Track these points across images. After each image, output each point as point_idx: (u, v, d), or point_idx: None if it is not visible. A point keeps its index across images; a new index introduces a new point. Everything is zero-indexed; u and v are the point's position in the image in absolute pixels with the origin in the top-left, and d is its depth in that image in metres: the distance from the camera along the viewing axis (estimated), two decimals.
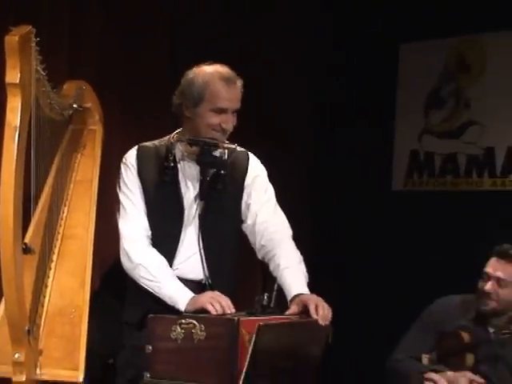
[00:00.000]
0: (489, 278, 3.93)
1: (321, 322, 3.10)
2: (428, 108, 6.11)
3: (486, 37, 5.82)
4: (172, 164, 3.34)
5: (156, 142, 3.46)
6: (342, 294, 5.14)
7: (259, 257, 3.45)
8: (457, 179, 5.94)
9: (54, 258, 3.14)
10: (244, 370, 2.76)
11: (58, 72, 3.80)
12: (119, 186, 3.39)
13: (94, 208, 3.31)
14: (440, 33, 5.95)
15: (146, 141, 3.48)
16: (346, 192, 6.17)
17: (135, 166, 3.37)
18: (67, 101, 3.43)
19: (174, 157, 3.37)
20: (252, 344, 2.77)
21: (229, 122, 3.28)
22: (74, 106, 3.49)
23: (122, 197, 3.37)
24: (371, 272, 5.96)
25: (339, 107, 6.29)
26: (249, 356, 2.77)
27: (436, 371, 3.83)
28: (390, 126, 6.23)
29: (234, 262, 3.48)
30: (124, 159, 3.42)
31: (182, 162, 3.39)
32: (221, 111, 3.26)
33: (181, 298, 3.15)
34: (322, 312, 3.11)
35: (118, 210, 3.37)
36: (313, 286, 3.32)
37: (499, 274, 3.91)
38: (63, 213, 3.28)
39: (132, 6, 4.95)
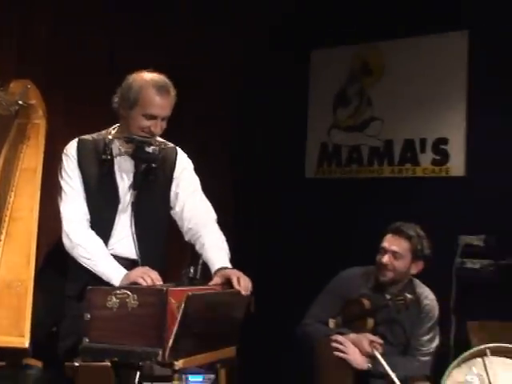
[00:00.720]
0: (385, 251, 3.99)
1: (243, 292, 3.12)
2: (336, 106, 6.15)
3: (384, 44, 5.88)
4: (109, 157, 3.33)
5: (94, 135, 3.43)
6: (261, 269, 5.16)
7: (186, 239, 3.46)
8: (361, 168, 5.99)
9: (2, 237, 3.09)
10: (173, 333, 2.77)
11: (5, 72, 3.74)
12: (60, 174, 3.36)
13: (38, 193, 3.24)
14: (346, 41, 6.02)
15: (86, 133, 3.45)
16: (265, 180, 6.22)
17: (75, 157, 3.34)
18: (13, 98, 3.39)
19: (111, 151, 3.34)
20: (181, 311, 2.78)
21: (157, 127, 3.27)
22: (20, 102, 3.43)
23: (62, 183, 3.34)
24: (287, 248, 6.00)
25: (260, 107, 6.32)
26: (178, 321, 2.77)
27: (341, 334, 3.89)
28: (303, 122, 6.25)
29: (163, 243, 3.48)
30: (65, 150, 3.39)
31: (118, 157, 3.36)
32: (151, 117, 3.24)
33: (115, 274, 3.15)
34: (243, 283, 3.13)
35: (60, 194, 3.34)
36: (235, 262, 3.33)
37: (394, 248, 3.98)
38: (10, 197, 3.22)
39: (78, 9, 4.88)
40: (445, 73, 5.57)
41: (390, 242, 4.00)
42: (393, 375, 3.71)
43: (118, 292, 2.84)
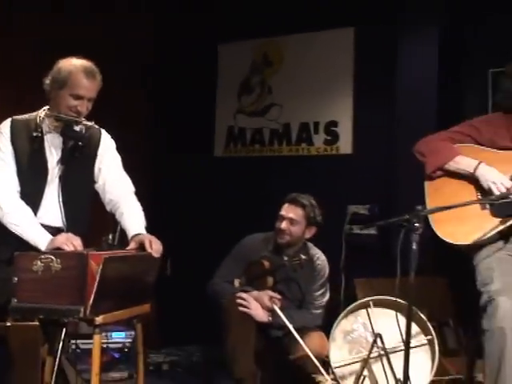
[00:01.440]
0: (283, 218, 4.01)
1: (154, 255, 3.09)
2: (240, 94, 6.12)
3: (282, 39, 5.88)
4: (40, 134, 3.24)
5: (27, 115, 3.33)
6: (177, 237, 5.15)
7: (107, 209, 3.40)
8: (263, 147, 5.99)
9: None
10: (93, 292, 2.73)
11: None
12: None
13: None
14: (249, 35, 6.00)
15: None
16: (179, 156, 6.16)
17: (8, 134, 3.23)
18: None
19: (42, 129, 3.25)
20: (99, 272, 2.73)
21: (83, 107, 3.21)
22: None
23: None
24: (199, 219, 5.99)
25: (173, 95, 6.27)
26: (97, 282, 2.73)
27: (245, 291, 3.90)
28: (212, 107, 6.22)
29: (87, 213, 3.39)
30: None
31: (48, 134, 3.27)
32: (78, 97, 3.18)
33: (41, 240, 3.05)
34: (155, 246, 3.10)
35: None
36: (152, 230, 3.28)
37: (291, 215, 4.00)
38: None
39: None
40: (335, 64, 5.60)
41: (287, 210, 4.02)
42: (290, 326, 3.74)
43: (42, 257, 2.79)
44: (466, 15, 5.04)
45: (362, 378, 3.44)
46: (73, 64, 3.21)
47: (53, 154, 3.28)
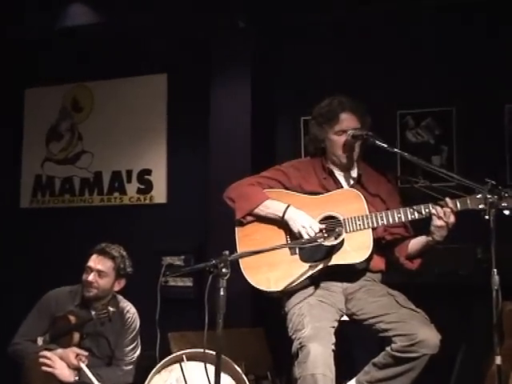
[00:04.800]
0: (91, 270, 3.91)
1: None
2: (49, 140, 5.98)
3: (93, 84, 5.84)
4: None
5: None
6: None
7: None
8: (73, 197, 5.85)
9: None
10: None
11: None
12: None
13: None
14: (58, 80, 5.89)
15: None
16: None
17: None
18: None
19: None
20: None
21: None
22: None
23: None
24: (2, 274, 5.71)
25: None
26: None
27: (49, 349, 3.74)
28: (18, 156, 6.02)
29: None
30: None
31: None
32: None
33: None
34: None
35: None
36: None
37: (99, 267, 3.91)
38: None
39: None
40: (148, 111, 5.63)
41: (95, 262, 3.93)
42: None
43: None
44: (276, 62, 5.25)
45: None
46: None
47: None
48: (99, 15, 5.39)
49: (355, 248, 3.22)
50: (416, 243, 3.33)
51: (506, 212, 2.99)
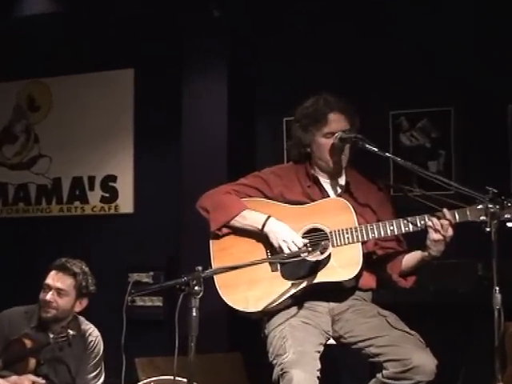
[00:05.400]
0: (49, 288, 3.89)
1: None
2: (1, 143, 5.99)
3: (51, 80, 5.85)
4: None
5: None
6: None
7: None
8: (28, 206, 5.85)
9: None
10: None
11: None
12: None
13: None
14: (12, 75, 5.88)
15: None
16: None
17: None
18: None
19: None
20: None
21: None
22: None
23: None
24: None
25: None
26: None
27: (2, 376, 3.72)
28: None
29: None
30: None
31: None
32: None
33: None
34: None
35: None
36: None
37: (59, 284, 3.89)
38: None
39: None
40: (113, 110, 5.67)
41: (54, 279, 3.91)
42: None
43: None
44: (255, 56, 5.30)
45: None
46: None
47: None
48: (57, 3, 5.40)
49: (343, 264, 3.23)
50: (410, 259, 3.35)
51: (510, 224, 3.03)
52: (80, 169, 5.72)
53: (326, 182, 3.45)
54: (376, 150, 3.28)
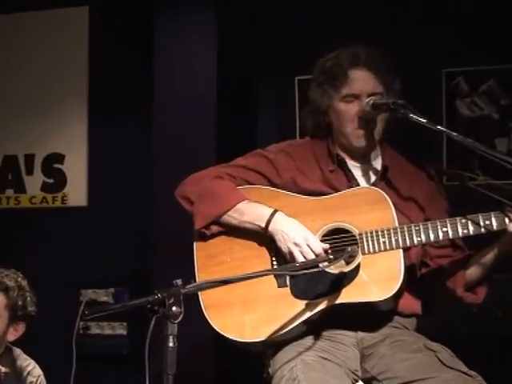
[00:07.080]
0: None
1: None
2: None
3: None
4: None
5: None
6: None
7: None
8: None
9: None
10: None
11: None
12: None
13: None
14: None
15: None
16: None
17: None
18: None
19: None
20: None
21: None
22: None
23: None
24: None
25: None
26: None
27: None
28: None
29: None
30: None
31: None
32: None
33: None
34: None
35: None
36: None
37: None
38: None
39: None
40: (61, 62, 5.71)
41: None
42: None
43: None
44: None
45: None
46: None
47: None
48: None
49: (376, 278, 3.23)
50: (476, 264, 3.34)
51: None
52: (14, 145, 5.75)
53: (355, 166, 3.45)
54: (424, 121, 3.27)
